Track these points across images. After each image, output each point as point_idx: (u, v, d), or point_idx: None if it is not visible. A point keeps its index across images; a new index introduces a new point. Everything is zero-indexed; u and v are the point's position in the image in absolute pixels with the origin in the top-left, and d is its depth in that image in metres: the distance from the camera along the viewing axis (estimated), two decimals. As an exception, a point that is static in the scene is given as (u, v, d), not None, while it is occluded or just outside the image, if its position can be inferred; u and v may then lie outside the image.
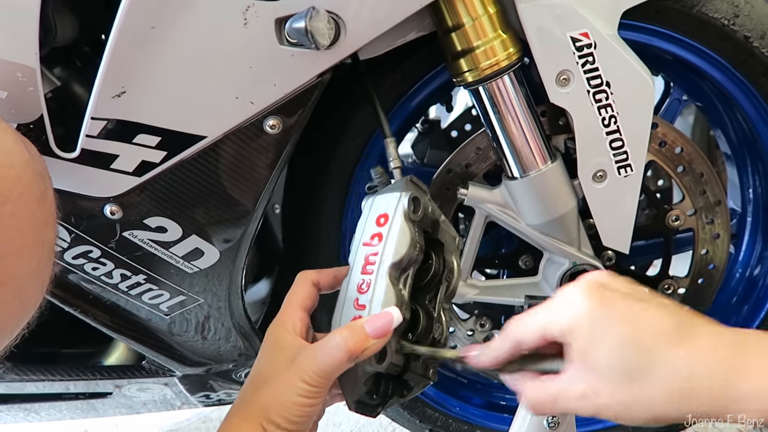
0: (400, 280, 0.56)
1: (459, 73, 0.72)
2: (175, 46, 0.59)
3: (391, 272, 0.55)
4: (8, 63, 0.56)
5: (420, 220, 0.58)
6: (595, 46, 0.70)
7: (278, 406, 0.52)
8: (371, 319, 0.53)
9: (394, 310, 0.53)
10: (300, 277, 0.61)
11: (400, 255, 0.55)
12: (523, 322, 0.51)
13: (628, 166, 0.76)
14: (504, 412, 1.03)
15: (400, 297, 0.55)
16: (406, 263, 0.56)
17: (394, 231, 0.56)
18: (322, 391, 0.53)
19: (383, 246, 0.56)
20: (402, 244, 0.55)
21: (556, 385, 0.49)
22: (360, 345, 0.52)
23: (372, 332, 0.52)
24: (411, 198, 0.57)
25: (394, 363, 0.56)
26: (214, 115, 0.63)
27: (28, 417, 1.01)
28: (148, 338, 0.83)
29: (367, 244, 0.57)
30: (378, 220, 0.57)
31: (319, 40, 0.56)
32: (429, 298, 0.61)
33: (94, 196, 0.65)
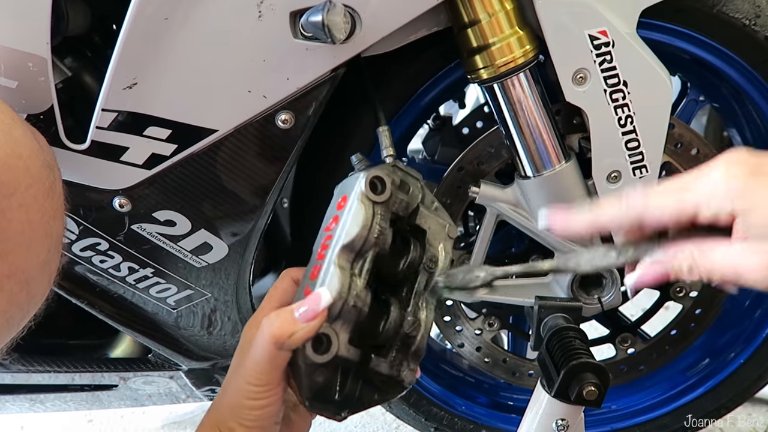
0: (355, 265, 0.51)
1: (474, 69, 0.71)
2: (188, 37, 0.58)
3: (340, 255, 0.50)
4: (19, 52, 0.55)
5: (386, 202, 0.53)
6: (613, 44, 0.69)
7: (232, 409, 0.50)
8: (301, 302, 0.49)
9: (323, 290, 0.48)
10: (282, 275, 0.58)
11: (350, 237, 0.50)
12: (650, 194, 0.46)
13: (643, 167, 0.75)
14: (510, 413, 1.03)
15: (349, 281, 0.50)
16: (359, 246, 0.51)
17: (348, 212, 0.51)
18: (267, 389, 0.49)
19: (338, 229, 0.51)
20: (354, 226, 0.50)
21: (732, 255, 0.43)
22: (285, 329, 0.47)
23: (299, 315, 0.48)
24: (371, 177, 0.52)
25: (344, 356, 0.50)
26: (226, 108, 0.62)
27: (34, 407, 1.01)
28: (154, 332, 0.82)
29: (327, 228, 0.53)
30: (338, 204, 0.53)
31: (336, 34, 0.55)
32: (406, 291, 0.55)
33: (103, 189, 0.65)
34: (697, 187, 0.44)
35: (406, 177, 0.57)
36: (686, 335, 0.93)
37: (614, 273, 0.82)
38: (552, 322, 0.78)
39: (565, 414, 0.71)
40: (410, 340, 0.54)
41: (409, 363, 0.54)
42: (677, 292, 0.90)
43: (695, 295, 0.90)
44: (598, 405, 0.69)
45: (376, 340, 0.53)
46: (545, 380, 0.73)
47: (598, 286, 0.84)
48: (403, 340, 0.54)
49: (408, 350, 0.54)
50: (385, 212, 0.53)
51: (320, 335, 0.49)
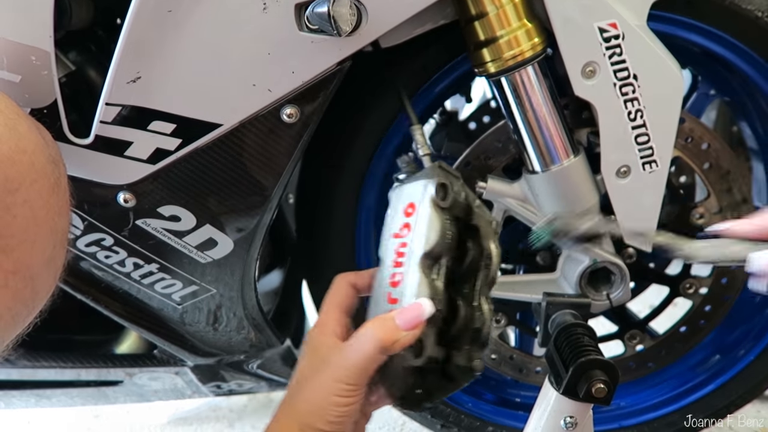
0: (433, 270, 0.54)
1: (481, 63, 0.70)
2: (192, 31, 0.57)
3: (422, 263, 0.53)
4: (22, 46, 0.55)
5: (450, 207, 0.55)
6: (623, 37, 0.68)
7: (315, 408, 0.51)
8: (402, 310, 0.51)
9: (425, 300, 0.52)
10: (337, 280, 0.60)
11: (430, 245, 0.53)
12: None
13: (653, 161, 0.74)
14: (517, 410, 1.02)
15: (434, 288, 0.53)
16: (437, 253, 0.54)
17: (422, 220, 0.53)
18: (357, 389, 0.51)
19: (413, 237, 0.54)
20: (432, 234, 0.53)
21: None
22: (390, 336, 0.50)
23: (402, 324, 0.51)
24: (438, 185, 0.54)
25: (433, 356, 0.54)
26: (231, 102, 0.61)
27: (40, 403, 1.01)
28: (159, 327, 0.82)
29: (397, 235, 0.55)
30: (406, 211, 0.55)
31: (342, 26, 0.54)
32: (468, 287, 0.58)
33: (108, 184, 0.65)
34: None
35: (449, 176, 0.58)
36: (695, 332, 0.92)
37: (623, 269, 0.82)
38: (560, 318, 0.77)
39: (574, 411, 0.70)
40: (478, 333, 0.58)
41: (478, 353, 0.58)
42: (687, 289, 0.89)
43: (705, 291, 0.89)
44: (607, 402, 0.68)
45: (449, 336, 0.56)
46: (553, 377, 0.72)
47: (607, 282, 0.83)
48: (473, 334, 0.57)
49: (477, 342, 0.58)
50: (451, 216, 0.56)
51: (416, 341, 0.52)
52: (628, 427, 0.98)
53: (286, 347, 0.93)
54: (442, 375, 0.57)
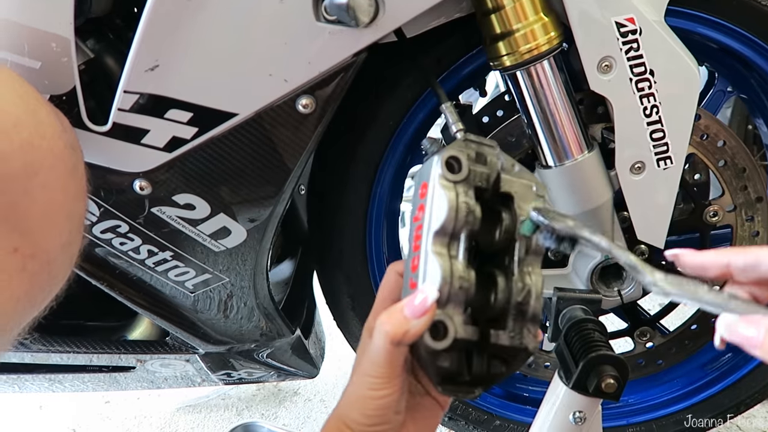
0: (451, 247, 0.51)
1: (496, 56, 0.70)
2: (210, 20, 0.58)
3: (435, 242, 0.50)
4: (43, 33, 0.55)
5: (466, 179, 0.52)
6: (640, 32, 0.68)
7: (354, 402, 0.52)
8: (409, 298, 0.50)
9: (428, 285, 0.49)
10: (387, 271, 0.58)
11: (440, 222, 0.50)
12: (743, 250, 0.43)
13: (668, 158, 0.74)
14: (525, 404, 1.02)
15: (450, 267, 0.50)
16: (451, 229, 0.50)
17: (432, 198, 0.51)
18: (387, 381, 0.51)
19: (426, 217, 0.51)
20: (441, 210, 0.50)
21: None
22: (398, 328, 0.49)
23: (410, 313, 0.49)
24: (445, 159, 0.51)
25: (464, 337, 0.51)
26: (247, 92, 0.62)
27: (53, 387, 1.02)
28: (172, 315, 0.83)
29: (416, 218, 0.53)
30: (421, 191, 0.53)
31: (360, 17, 0.54)
32: (508, 259, 0.54)
33: (124, 171, 0.65)
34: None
35: (481, 147, 0.54)
36: (706, 330, 0.92)
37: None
38: (570, 313, 0.77)
39: (583, 406, 0.71)
40: (524, 307, 0.53)
41: (529, 328, 0.54)
42: (698, 287, 0.88)
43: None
44: (616, 398, 0.68)
45: (490, 314, 0.53)
46: (563, 372, 0.72)
47: (618, 278, 0.83)
48: (517, 309, 0.53)
49: (525, 317, 0.53)
50: (468, 189, 0.52)
51: (435, 323, 0.50)
52: (637, 423, 0.98)
53: (296, 337, 0.94)
54: (491, 357, 0.54)
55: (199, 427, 1.40)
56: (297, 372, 1.01)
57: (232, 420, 1.40)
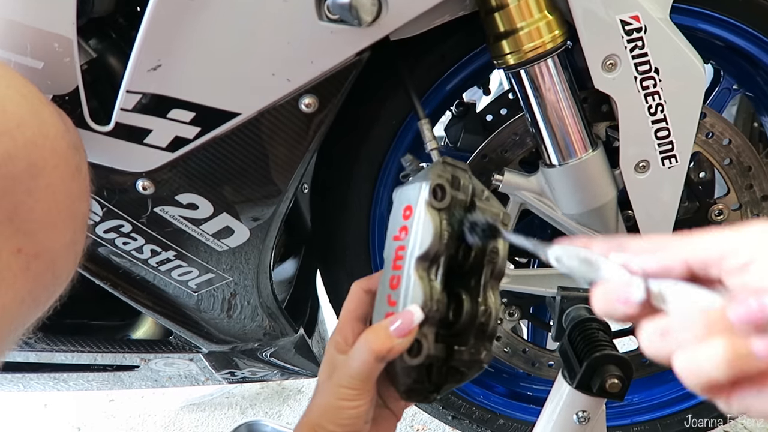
0: (431, 271, 0.55)
1: (500, 55, 0.70)
2: (213, 19, 0.57)
3: (417, 266, 0.54)
4: (46, 33, 0.55)
5: (448, 207, 0.56)
6: (645, 30, 0.67)
7: (326, 412, 0.54)
8: (394, 318, 0.53)
9: (415, 308, 0.53)
10: (352, 287, 0.62)
11: (424, 248, 0.54)
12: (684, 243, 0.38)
13: (673, 156, 0.73)
14: (529, 403, 1.02)
15: (430, 289, 0.54)
16: (433, 254, 0.54)
17: (417, 223, 0.54)
18: (361, 393, 0.54)
19: (410, 239, 0.55)
20: (426, 237, 0.54)
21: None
22: (383, 346, 0.52)
23: (395, 332, 0.53)
24: (432, 187, 0.54)
25: (434, 354, 0.55)
26: (250, 91, 0.61)
27: (57, 386, 1.02)
28: (175, 314, 0.83)
29: (396, 237, 0.56)
30: (404, 213, 0.56)
31: (363, 17, 0.54)
32: (474, 281, 0.58)
33: (127, 171, 0.65)
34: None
35: (456, 171, 0.58)
36: (711, 329, 0.91)
37: (639, 265, 0.81)
38: (574, 313, 0.77)
39: (587, 406, 0.70)
40: (485, 327, 0.58)
41: (485, 345, 0.59)
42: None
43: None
44: (620, 398, 0.68)
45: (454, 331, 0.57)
46: (567, 371, 0.72)
47: (623, 277, 0.83)
48: (479, 328, 0.57)
49: (484, 335, 0.58)
50: (449, 216, 0.56)
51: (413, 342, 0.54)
52: (640, 423, 0.98)
53: (300, 336, 0.94)
54: (448, 369, 0.58)
55: (203, 426, 1.41)
56: (300, 371, 1.01)
57: (236, 418, 1.41)
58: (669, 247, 0.39)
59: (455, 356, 0.57)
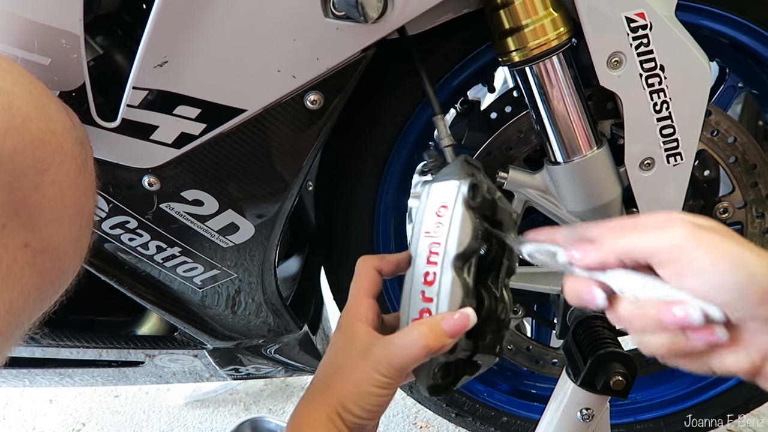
0: (464, 269, 0.56)
1: (505, 52, 0.70)
2: (219, 16, 0.58)
3: (455, 263, 0.54)
4: (53, 29, 0.55)
5: (479, 206, 0.57)
6: (650, 27, 0.67)
7: (353, 395, 0.53)
8: (447, 317, 0.54)
9: (471, 312, 0.54)
10: (363, 264, 0.61)
11: (463, 246, 0.55)
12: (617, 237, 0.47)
13: (678, 154, 0.73)
14: (532, 401, 1.02)
15: (466, 287, 0.55)
16: (469, 253, 0.55)
17: (455, 221, 0.55)
18: (396, 382, 0.54)
19: (446, 237, 0.55)
20: (465, 235, 0.55)
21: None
22: (438, 343, 0.53)
23: (450, 332, 0.53)
24: (470, 185, 0.56)
25: (464, 349, 0.56)
26: (255, 88, 0.62)
27: (63, 381, 1.03)
28: (180, 310, 0.83)
29: (429, 234, 0.57)
30: (438, 210, 0.56)
31: (369, 13, 0.54)
32: (491, 279, 0.60)
33: (133, 167, 0.65)
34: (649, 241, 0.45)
35: (472, 168, 0.59)
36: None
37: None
38: (579, 310, 0.77)
39: (591, 403, 0.70)
40: (502, 322, 0.60)
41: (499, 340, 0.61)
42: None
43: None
44: (624, 395, 0.68)
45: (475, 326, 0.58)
46: (571, 369, 0.72)
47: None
48: (497, 323, 0.59)
49: (500, 330, 0.60)
50: (480, 215, 0.57)
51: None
52: (644, 421, 0.98)
53: (304, 333, 0.94)
54: (466, 362, 0.59)
55: (207, 422, 1.41)
56: (305, 367, 1.02)
57: (239, 415, 1.41)
58: (606, 243, 0.46)
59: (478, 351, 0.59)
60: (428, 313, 0.55)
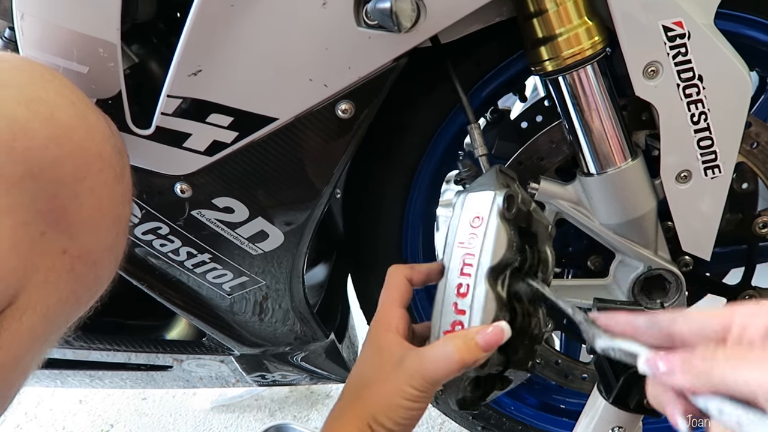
0: (498, 282, 0.55)
1: (538, 61, 0.69)
2: (253, 25, 0.58)
3: (489, 276, 0.54)
4: (91, 38, 0.57)
5: (514, 218, 0.56)
6: (689, 36, 0.65)
7: (385, 408, 0.53)
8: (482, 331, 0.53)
9: (506, 326, 0.53)
10: (393, 273, 0.60)
11: (498, 258, 0.54)
12: (692, 320, 0.42)
13: (716, 167, 0.71)
14: (561, 416, 1.00)
15: (500, 300, 0.54)
16: (503, 265, 0.54)
17: (490, 233, 0.54)
18: (429, 396, 0.53)
19: (480, 248, 0.54)
20: (500, 247, 0.54)
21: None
22: (473, 357, 0.52)
23: (484, 346, 0.52)
24: (506, 197, 0.55)
25: (496, 364, 0.56)
26: (287, 96, 0.62)
27: (93, 383, 1.05)
28: (209, 316, 0.84)
29: (463, 245, 0.56)
30: (472, 221, 0.56)
31: (403, 22, 0.54)
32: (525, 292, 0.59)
33: (166, 174, 0.66)
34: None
35: (507, 179, 0.58)
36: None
37: (679, 278, 0.79)
38: (611, 325, 0.75)
39: (623, 422, 0.69)
40: (535, 337, 0.59)
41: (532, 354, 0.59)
42: (746, 300, 0.85)
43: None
44: (658, 415, 0.66)
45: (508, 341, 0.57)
46: (603, 386, 0.70)
47: (662, 290, 0.81)
48: (530, 338, 0.58)
49: (533, 345, 0.59)
50: (515, 226, 0.56)
51: None
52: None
53: (330, 341, 0.94)
54: (496, 377, 0.59)
55: (233, 427, 1.42)
56: (330, 376, 1.01)
57: (264, 421, 1.42)
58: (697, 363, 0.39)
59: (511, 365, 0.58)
60: (460, 326, 0.54)
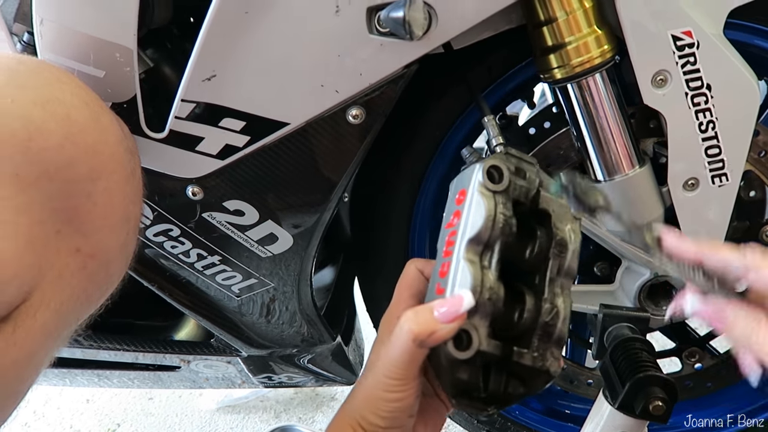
0: (483, 257, 0.50)
1: (547, 69, 0.70)
2: (266, 32, 0.59)
3: (468, 249, 0.49)
4: (109, 43, 0.58)
5: (506, 190, 0.51)
6: (697, 45, 0.66)
7: (368, 402, 0.51)
8: (441, 301, 0.48)
9: (466, 293, 0.47)
10: (407, 266, 0.57)
11: (475, 230, 0.49)
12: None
13: (723, 175, 0.71)
14: (566, 421, 1.00)
15: (480, 277, 0.49)
16: (486, 239, 0.49)
17: (469, 206, 0.50)
18: (403, 383, 0.49)
19: (461, 223, 0.50)
20: (477, 219, 0.49)
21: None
22: (424, 328, 0.47)
23: (440, 315, 0.47)
24: (486, 168, 0.50)
25: (486, 351, 0.49)
26: (299, 102, 0.63)
27: (101, 382, 1.05)
28: (217, 317, 0.85)
29: (449, 225, 0.52)
30: (457, 198, 0.52)
31: (415, 30, 0.54)
32: (538, 278, 0.53)
33: (178, 177, 0.67)
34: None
35: (521, 163, 0.54)
36: (759, 354, 0.88)
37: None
38: (617, 331, 0.75)
39: (628, 427, 0.69)
40: (551, 329, 0.52)
41: (552, 351, 0.52)
42: (752, 308, 0.85)
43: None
44: (664, 421, 0.66)
45: (515, 332, 0.52)
46: (608, 391, 0.71)
47: (668, 297, 0.81)
48: (543, 329, 0.52)
49: (550, 339, 0.52)
50: (506, 200, 0.51)
51: (460, 332, 0.48)
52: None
53: (337, 344, 0.94)
54: (510, 376, 0.52)
55: (238, 428, 1.43)
56: (336, 378, 1.02)
57: (269, 422, 1.42)
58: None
59: (515, 359, 0.51)
60: None
